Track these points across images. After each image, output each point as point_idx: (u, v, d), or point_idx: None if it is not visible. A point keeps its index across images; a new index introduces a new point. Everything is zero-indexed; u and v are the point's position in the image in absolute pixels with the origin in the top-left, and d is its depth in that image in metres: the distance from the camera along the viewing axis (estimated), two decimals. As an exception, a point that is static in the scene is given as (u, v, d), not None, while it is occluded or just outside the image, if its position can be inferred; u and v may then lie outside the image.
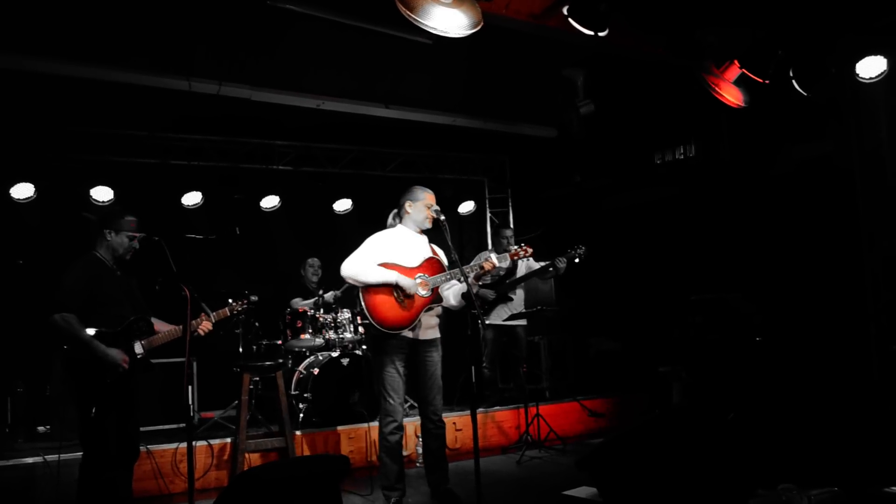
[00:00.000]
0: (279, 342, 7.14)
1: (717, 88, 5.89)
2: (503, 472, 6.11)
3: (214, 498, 3.12)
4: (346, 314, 7.10)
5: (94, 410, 4.20)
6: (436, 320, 5.05)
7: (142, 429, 4.88)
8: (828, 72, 5.90)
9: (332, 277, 7.66)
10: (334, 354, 6.71)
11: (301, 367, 6.95)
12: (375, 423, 6.52)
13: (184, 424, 6.60)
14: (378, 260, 4.87)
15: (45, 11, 5.66)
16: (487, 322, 7.37)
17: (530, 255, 5.06)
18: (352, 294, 5.25)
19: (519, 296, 7.49)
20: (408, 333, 4.86)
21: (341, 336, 7.00)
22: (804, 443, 4.42)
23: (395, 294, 4.82)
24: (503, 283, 7.33)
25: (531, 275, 7.30)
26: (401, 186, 5.29)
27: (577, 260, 6.66)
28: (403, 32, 6.02)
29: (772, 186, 7.60)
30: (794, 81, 5.86)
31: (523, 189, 10.15)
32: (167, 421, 6.77)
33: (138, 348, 4.44)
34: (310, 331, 6.99)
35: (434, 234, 5.10)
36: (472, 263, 5.04)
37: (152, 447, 5.65)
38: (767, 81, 5.70)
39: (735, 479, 4.05)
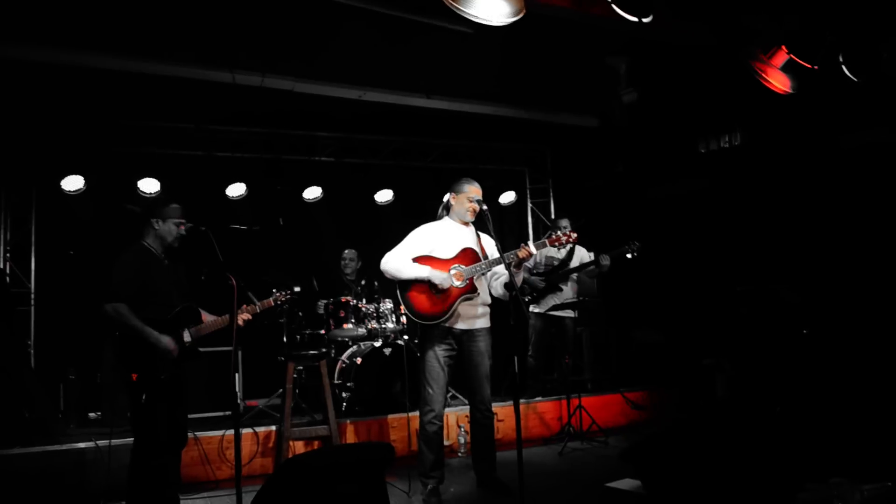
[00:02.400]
0: (322, 332, 7.20)
1: (763, 75, 5.76)
2: (545, 464, 6.09)
3: (260, 484, 3.15)
4: (388, 304, 7.13)
5: (144, 397, 4.28)
6: (482, 310, 5.02)
7: (188, 416, 4.96)
8: (880, 57, 5.73)
9: (373, 268, 7.75)
10: (377, 344, 6.76)
11: (344, 357, 7.01)
12: (417, 413, 6.58)
13: (229, 412, 6.77)
14: (416, 254, 4.95)
15: (93, 7, 5.77)
16: (535, 310, 7.35)
17: (573, 241, 4.88)
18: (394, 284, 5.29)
19: (570, 287, 7.43)
20: (451, 323, 4.86)
21: (383, 326, 7.05)
22: (856, 436, 4.33)
23: (430, 286, 4.86)
24: (555, 273, 7.29)
25: (576, 269, 7.24)
26: (442, 177, 5.31)
27: (629, 255, 6.56)
28: (444, 21, 6.00)
29: (821, 174, 7.43)
30: (843, 67, 5.70)
31: (565, 179, 10.07)
32: (213, 408, 6.89)
33: (186, 336, 4.52)
34: (352, 320, 7.05)
35: (478, 224, 5.09)
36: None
37: (199, 434, 5.76)
38: (816, 67, 5.55)
39: (782, 473, 3.99)
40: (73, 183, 7.75)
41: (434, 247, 4.95)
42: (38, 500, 5.15)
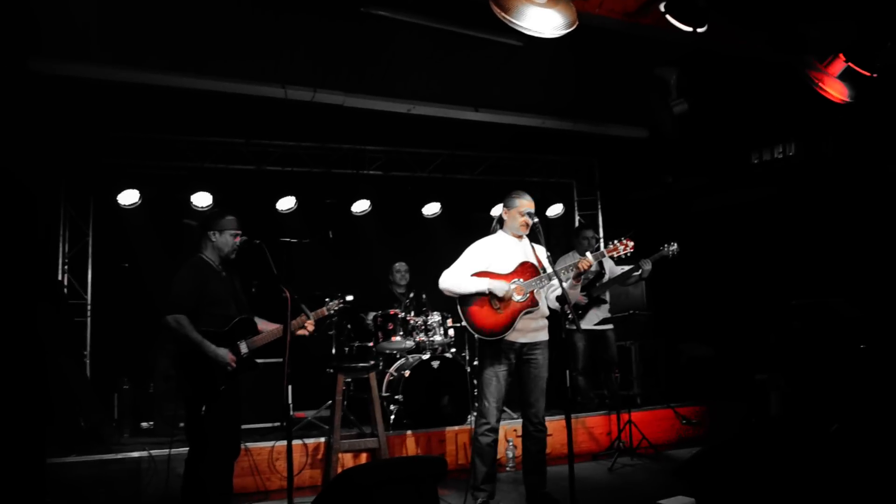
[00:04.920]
0: (370, 344, 7.22)
1: (820, 84, 5.63)
2: (595, 479, 6.00)
3: (309, 496, 3.16)
4: (436, 317, 7.12)
5: (203, 409, 4.32)
6: (542, 323, 4.98)
7: (240, 427, 5.00)
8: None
9: (420, 281, 7.76)
10: (425, 357, 6.75)
11: (392, 370, 7.01)
12: (465, 427, 6.56)
13: (278, 423, 6.82)
14: (473, 269, 4.94)
15: (149, 26, 5.91)
16: (580, 326, 7.26)
17: (631, 250, 4.81)
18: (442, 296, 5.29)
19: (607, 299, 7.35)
20: (512, 337, 4.84)
21: (431, 339, 7.03)
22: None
23: (491, 301, 4.83)
24: (594, 286, 7.20)
25: (617, 279, 7.12)
26: (488, 190, 5.28)
27: (669, 257, 6.41)
28: (494, 35, 6.01)
29: (879, 185, 7.23)
30: (903, 74, 5.55)
31: (613, 191, 9.99)
32: (261, 419, 6.94)
33: (243, 348, 4.56)
34: (401, 333, 7.05)
35: (532, 237, 5.05)
36: (562, 266, 4.93)
37: (250, 445, 5.82)
38: (875, 75, 5.41)
39: (842, 493, 3.87)
40: (128, 197, 7.94)
41: (491, 262, 4.94)
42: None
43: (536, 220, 4.80)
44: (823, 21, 5.54)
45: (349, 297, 5.10)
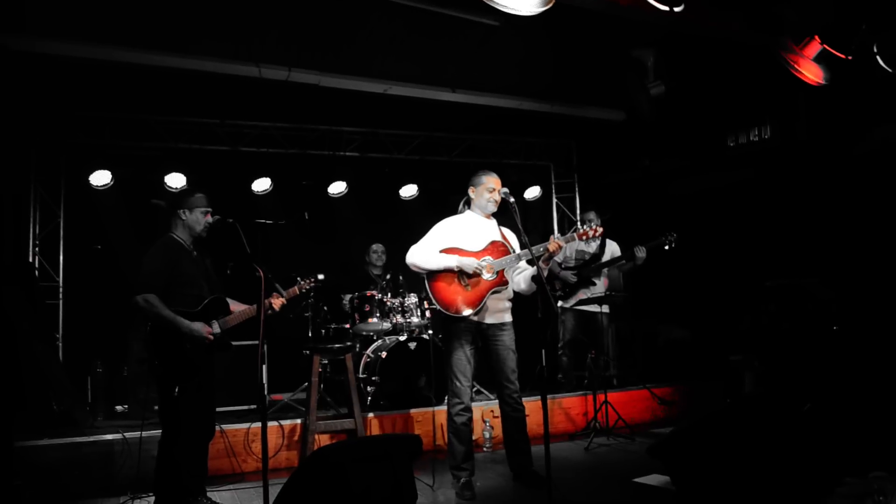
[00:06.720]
0: (347, 326, 7.20)
1: (795, 66, 5.66)
2: (572, 459, 6.04)
3: (285, 477, 3.13)
4: (413, 298, 7.11)
5: (176, 390, 4.28)
6: (506, 304, 4.99)
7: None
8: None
9: (398, 263, 7.73)
10: (402, 338, 6.74)
11: (369, 351, 7.00)
12: (442, 408, 6.56)
13: (254, 406, 6.79)
14: (442, 246, 4.90)
15: (124, 2, 5.79)
16: (565, 305, 7.28)
17: (600, 235, 4.92)
18: (418, 278, 5.28)
19: (601, 282, 7.36)
20: (479, 317, 4.83)
21: (408, 320, 7.02)
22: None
23: (459, 278, 4.81)
24: (587, 267, 7.22)
25: (610, 262, 7.15)
26: (466, 172, 5.25)
27: (666, 247, 6.48)
28: (470, 14, 5.96)
29: (852, 168, 7.30)
30: (878, 57, 5.59)
31: (590, 174, 10.00)
32: (237, 402, 6.89)
33: (216, 328, 4.51)
34: (377, 315, 7.03)
35: (504, 218, 5.04)
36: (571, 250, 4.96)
37: (225, 427, 5.78)
38: (850, 57, 5.45)
39: (816, 469, 3.91)
40: (100, 178, 7.83)
41: (460, 239, 4.91)
42: (67, 490, 5.18)
43: (512, 200, 4.77)
44: (800, 3, 5.56)
45: (321, 276, 5.09)
